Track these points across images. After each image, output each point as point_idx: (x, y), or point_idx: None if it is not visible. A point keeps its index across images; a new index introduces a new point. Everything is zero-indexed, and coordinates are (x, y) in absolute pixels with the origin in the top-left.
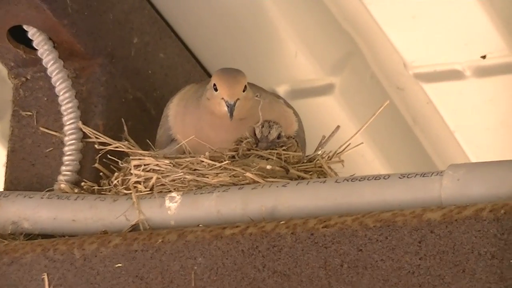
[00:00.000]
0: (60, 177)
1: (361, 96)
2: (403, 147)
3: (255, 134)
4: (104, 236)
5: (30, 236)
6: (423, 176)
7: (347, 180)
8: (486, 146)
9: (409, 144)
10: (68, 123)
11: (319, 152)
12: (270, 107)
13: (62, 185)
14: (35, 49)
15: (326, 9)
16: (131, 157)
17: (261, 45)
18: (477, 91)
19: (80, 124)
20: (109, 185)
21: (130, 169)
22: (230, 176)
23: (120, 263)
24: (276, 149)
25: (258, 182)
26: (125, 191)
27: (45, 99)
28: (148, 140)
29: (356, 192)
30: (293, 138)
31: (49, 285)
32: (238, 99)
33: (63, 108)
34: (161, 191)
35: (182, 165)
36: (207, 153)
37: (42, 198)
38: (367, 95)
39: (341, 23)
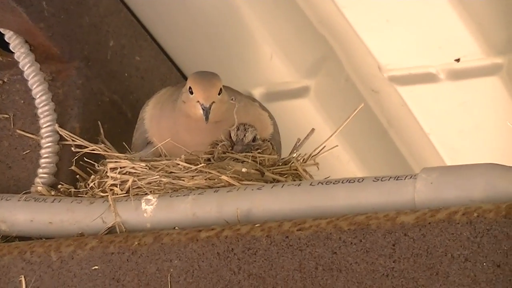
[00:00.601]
0: (37, 180)
1: (336, 99)
2: (378, 149)
3: (230, 137)
4: (81, 238)
5: (7, 238)
6: (396, 180)
7: (322, 183)
8: (460, 148)
9: (384, 146)
10: (44, 125)
11: (294, 155)
12: (246, 110)
13: (39, 188)
14: (12, 52)
15: (301, 12)
16: (107, 160)
17: (237, 48)
18: (451, 94)
19: (56, 126)
20: (86, 187)
21: (107, 172)
22: (205, 179)
23: (96, 266)
24: (251, 152)
25: (233, 185)
26: (102, 194)
27: (22, 101)
28: (124, 143)
29: (330, 195)
30: (268, 141)
31: (26, 287)
32: (213, 102)
33: (39, 111)
34: (137, 194)
35: (158, 168)
36: (182, 156)
37: (19, 200)
38: (342, 98)
39: (316, 26)
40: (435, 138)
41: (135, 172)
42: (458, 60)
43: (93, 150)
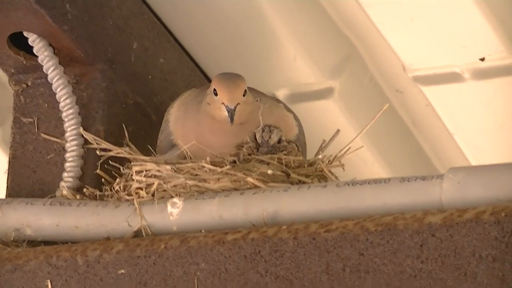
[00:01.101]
0: (62, 184)
1: (360, 100)
2: (403, 150)
3: (255, 139)
4: (107, 242)
5: (33, 243)
6: (423, 180)
7: (348, 184)
8: (485, 148)
9: (409, 146)
10: (69, 129)
11: (320, 156)
12: (270, 111)
13: (64, 192)
14: (36, 56)
15: (324, 13)
16: (132, 163)
17: (260, 49)
18: (476, 93)
19: (81, 130)
20: (111, 191)
21: (132, 175)
22: (231, 181)
23: (123, 269)
24: (276, 154)
25: (259, 187)
26: (127, 197)
27: (46, 105)
28: (149, 146)
29: (357, 196)
30: (294, 143)
31: None
32: (238, 103)
33: (64, 114)
34: (163, 197)
35: (183, 170)
36: (208, 158)
37: (44, 204)
38: (366, 99)
39: (339, 26)
40: (459, 137)
41: (160, 175)
42: (482, 59)
43: (118, 153)
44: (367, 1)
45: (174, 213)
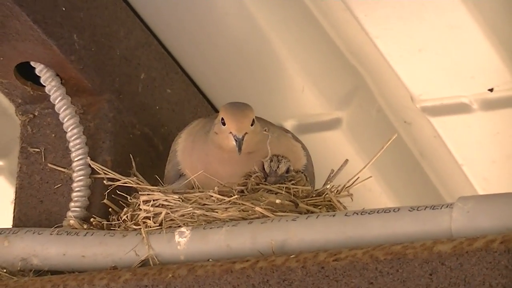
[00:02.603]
0: (69, 213)
1: (368, 130)
2: (411, 180)
3: (263, 169)
4: (114, 271)
5: (39, 272)
6: (432, 209)
7: (357, 213)
8: (493, 179)
9: (417, 177)
10: (76, 159)
11: (328, 186)
12: (278, 141)
13: (71, 221)
14: (43, 86)
15: (332, 44)
16: (140, 193)
17: (268, 80)
18: (484, 124)
19: (88, 160)
20: (118, 220)
21: (139, 205)
22: (239, 211)
23: None
24: (285, 183)
25: (267, 216)
26: (134, 227)
27: (53, 135)
28: (156, 176)
29: (366, 225)
30: (302, 172)
31: None
32: (246, 133)
33: (71, 144)
34: (170, 226)
35: (191, 200)
36: (216, 188)
37: (51, 234)
38: (374, 129)
39: (347, 57)
40: (468, 168)
41: (168, 205)
42: (491, 90)
43: (125, 183)
44: (376, 32)
45: (182, 242)
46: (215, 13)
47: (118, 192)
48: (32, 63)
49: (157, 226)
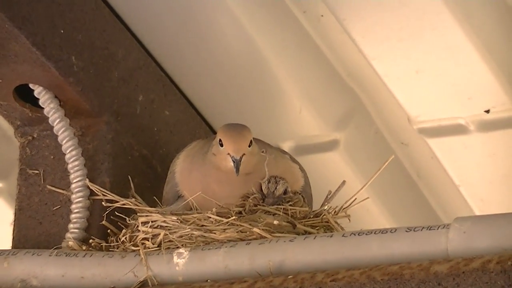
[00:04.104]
0: (68, 235)
1: (365, 152)
2: (408, 201)
3: (261, 190)
4: None
5: None
6: (429, 229)
7: (354, 234)
8: (490, 200)
9: (414, 198)
10: (75, 181)
11: (326, 207)
12: (276, 162)
13: (70, 243)
14: (41, 108)
15: (330, 65)
16: (138, 214)
17: (266, 101)
18: (481, 145)
19: (87, 181)
20: (117, 242)
21: (138, 226)
22: (237, 232)
23: None
24: (282, 205)
25: (265, 237)
26: (133, 248)
27: (52, 157)
28: (155, 197)
29: (363, 246)
30: (300, 194)
31: None
32: (244, 154)
33: (69, 166)
34: (168, 247)
35: (189, 221)
36: (214, 209)
37: (50, 255)
38: (371, 151)
39: (345, 79)
40: (465, 189)
41: (166, 226)
42: (487, 111)
43: (124, 204)
44: (373, 54)
45: (180, 263)
46: (213, 34)
47: (117, 214)
48: (31, 85)
49: (156, 247)
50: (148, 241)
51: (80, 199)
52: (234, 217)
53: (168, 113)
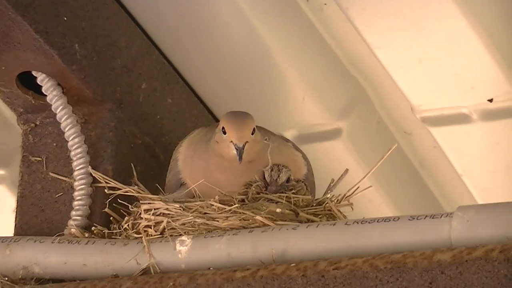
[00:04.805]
0: (70, 222)
1: (368, 141)
2: (411, 190)
3: (264, 178)
4: (115, 280)
5: (41, 280)
6: (432, 218)
7: (357, 223)
8: (493, 189)
9: (417, 187)
10: (77, 168)
11: (328, 196)
12: (279, 150)
13: (73, 230)
14: (44, 95)
15: (333, 54)
16: (141, 202)
17: (268, 90)
18: (484, 134)
19: (89, 169)
20: (120, 229)
21: (140, 213)
22: (240, 220)
23: None
24: (285, 193)
25: (268, 225)
26: (136, 235)
27: (54, 144)
28: (157, 185)
29: (366, 234)
30: (302, 182)
31: None
32: (246, 142)
33: (72, 153)
34: (171, 235)
35: (192, 209)
36: (216, 197)
37: (52, 243)
38: (374, 140)
39: (347, 68)
40: (467, 179)
41: (169, 213)
42: (491, 100)
43: (127, 192)
44: (376, 43)
45: (183, 251)
46: (216, 23)
47: (119, 201)
48: (34, 73)
49: (158, 234)
50: (151, 228)
51: (83, 186)
52: (236, 205)
53: (171, 101)
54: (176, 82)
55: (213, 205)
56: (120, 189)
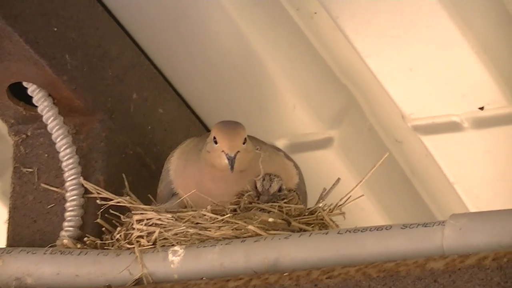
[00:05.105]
0: (63, 233)
1: (359, 149)
2: (402, 199)
3: (256, 187)
4: None
5: None
6: (425, 226)
7: (350, 231)
8: (485, 197)
9: (408, 196)
10: (69, 179)
11: (320, 205)
12: (271, 159)
13: (65, 241)
14: (35, 106)
15: (323, 63)
16: (133, 212)
17: (259, 99)
18: (475, 142)
19: (81, 179)
20: (112, 240)
21: (132, 224)
22: (232, 229)
23: None
24: (277, 202)
25: (260, 234)
26: (128, 246)
27: (46, 155)
28: (149, 195)
29: (358, 243)
30: (294, 191)
31: None
32: (238, 151)
33: (64, 164)
34: (164, 245)
35: (184, 219)
36: (209, 207)
37: (45, 253)
38: (365, 148)
39: (338, 76)
40: (459, 187)
41: (161, 224)
42: (482, 108)
43: (119, 202)
44: (366, 51)
45: (175, 261)
46: (206, 32)
47: (111, 212)
48: (25, 84)
49: (151, 245)
50: (143, 239)
51: (75, 197)
52: (229, 215)
53: (162, 111)
54: (167, 92)
55: (205, 215)
56: (112, 199)
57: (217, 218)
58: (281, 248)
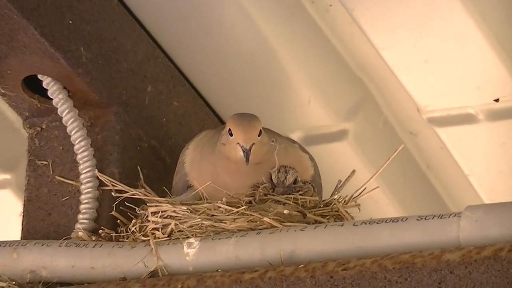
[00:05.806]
0: (78, 225)
1: (374, 142)
2: (417, 191)
3: (271, 179)
4: (123, 283)
5: (48, 284)
6: (440, 218)
7: (365, 223)
8: (500, 189)
9: (423, 188)
10: (84, 171)
11: (336, 197)
12: (286, 152)
13: (80, 233)
14: (50, 99)
15: (339, 56)
16: (148, 204)
17: (275, 92)
18: (490, 134)
19: (96, 172)
20: (127, 232)
21: (148, 216)
22: (247, 221)
23: None
24: (292, 194)
25: (275, 226)
26: (143, 238)
27: (61, 148)
28: (164, 188)
29: (374, 235)
30: (309, 183)
31: None
32: (253, 143)
33: (78, 156)
34: (179, 237)
35: (199, 211)
36: (224, 199)
37: (60, 246)
38: (380, 141)
39: (353, 69)
40: (474, 179)
41: (176, 216)
42: (497, 100)
43: (133, 194)
44: (382, 44)
45: (191, 253)
46: (222, 25)
47: (126, 204)
48: (40, 76)
49: (166, 237)
50: (158, 231)
51: (89, 189)
52: (244, 207)
53: (177, 104)
54: (182, 85)
55: (220, 207)
56: (127, 192)
57: (232, 210)
58: (296, 240)
